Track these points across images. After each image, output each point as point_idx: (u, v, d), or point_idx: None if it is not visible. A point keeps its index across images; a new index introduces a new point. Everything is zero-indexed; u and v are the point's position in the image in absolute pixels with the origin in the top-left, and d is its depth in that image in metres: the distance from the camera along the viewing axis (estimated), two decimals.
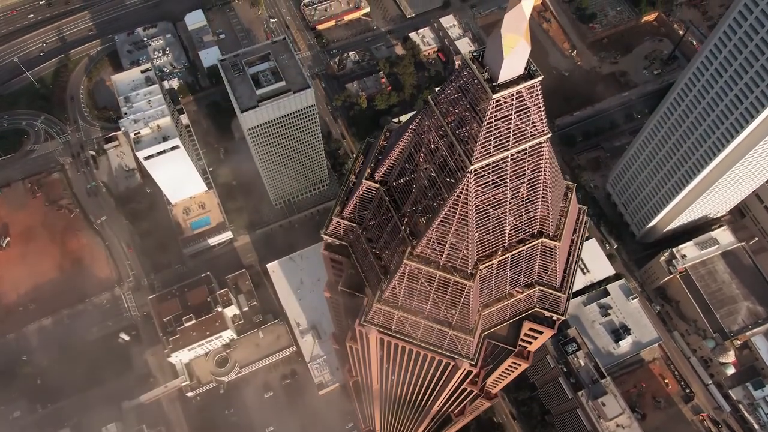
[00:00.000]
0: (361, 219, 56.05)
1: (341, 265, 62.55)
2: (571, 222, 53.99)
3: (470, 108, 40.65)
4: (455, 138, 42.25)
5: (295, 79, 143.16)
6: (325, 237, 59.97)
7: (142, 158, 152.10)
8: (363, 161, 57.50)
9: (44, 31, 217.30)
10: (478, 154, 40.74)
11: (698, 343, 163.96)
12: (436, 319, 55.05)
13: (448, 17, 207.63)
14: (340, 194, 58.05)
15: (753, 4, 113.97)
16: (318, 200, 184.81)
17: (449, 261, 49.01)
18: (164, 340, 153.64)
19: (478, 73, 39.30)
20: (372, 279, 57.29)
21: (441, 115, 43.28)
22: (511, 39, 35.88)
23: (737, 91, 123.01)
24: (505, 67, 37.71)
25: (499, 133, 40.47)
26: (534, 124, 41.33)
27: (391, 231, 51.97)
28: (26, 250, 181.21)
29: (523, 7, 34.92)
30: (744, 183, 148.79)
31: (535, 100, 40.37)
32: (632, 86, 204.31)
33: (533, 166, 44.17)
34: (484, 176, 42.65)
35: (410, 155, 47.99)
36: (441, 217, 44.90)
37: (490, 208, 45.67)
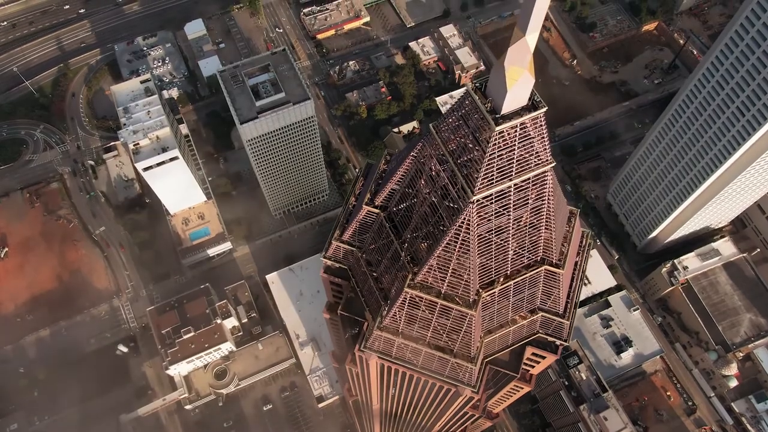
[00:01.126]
0: (361, 243, 55.25)
1: (341, 288, 61.70)
2: (575, 247, 53.20)
3: (472, 138, 39.95)
4: (457, 167, 41.52)
5: (295, 91, 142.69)
6: (324, 260, 59.14)
7: (141, 169, 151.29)
8: (363, 184, 56.66)
9: (44, 40, 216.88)
10: (481, 185, 40.02)
11: (700, 355, 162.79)
12: (438, 347, 54.17)
13: (448, 27, 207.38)
14: (339, 217, 57.24)
15: (755, 17, 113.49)
16: (318, 210, 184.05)
17: (451, 289, 48.18)
18: (163, 352, 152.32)
19: (481, 105, 38.58)
20: (372, 303, 56.44)
21: (443, 144, 42.58)
22: (515, 72, 35.14)
23: (739, 103, 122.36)
24: (508, 99, 36.98)
25: (502, 164, 39.74)
26: (537, 154, 40.62)
27: (391, 257, 51.18)
28: (24, 261, 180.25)
29: (527, 41, 34.15)
30: (746, 194, 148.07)
31: (539, 131, 39.66)
32: (633, 96, 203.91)
33: (536, 194, 43.43)
34: (486, 206, 41.93)
35: (411, 182, 47.26)
36: (443, 246, 44.14)
37: (493, 236, 44.91)
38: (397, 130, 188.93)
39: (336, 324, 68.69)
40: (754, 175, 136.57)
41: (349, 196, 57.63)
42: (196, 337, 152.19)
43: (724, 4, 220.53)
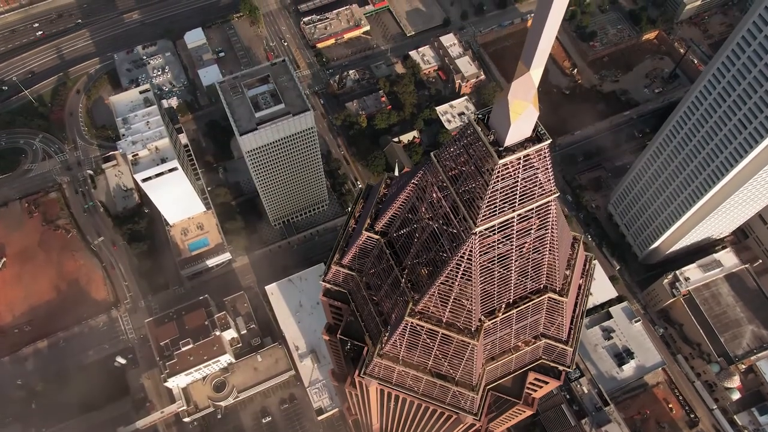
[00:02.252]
0: (360, 267, 54.43)
1: (340, 311, 60.82)
2: (578, 273, 52.40)
3: (475, 168, 39.20)
4: (459, 197, 40.75)
5: (295, 102, 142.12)
6: (323, 283, 58.29)
7: (140, 180, 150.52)
8: (363, 206, 55.87)
9: (43, 49, 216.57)
10: (483, 216, 39.26)
11: (702, 367, 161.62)
12: (439, 374, 53.28)
13: (449, 36, 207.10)
14: (339, 240, 56.42)
15: (757, 30, 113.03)
16: (317, 220, 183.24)
17: (452, 317, 47.35)
18: (161, 364, 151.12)
19: (483, 137, 37.83)
20: (372, 329, 55.56)
21: (444, 173, 41.81)
22: (519, 105, 34.39)
23: (741, 116, 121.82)
24: (512, 132, 36.24)
25: (505, 195, 39.01)
26: (541, 185, 39.88)
27: (391, 283, 50.34)
28: (22, 271, 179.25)
29: (532, 76, 33.44)
30: (749, 204, 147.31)
31: (543, 162, 38.94)
32: (633, 105, 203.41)
33: (540, 223, 42.66)
34: (489, 236, 41.17)
35: (412, 209, 46.49)
36: (444, 275, 43.35)
37: (495, 265, 44.11)
38: (397, 140, 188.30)
39: (335, 346, 67.78)
40: (756, 186, 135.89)
41: (349, 218, 56.85)
42: (195, 350, 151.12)
43: (725, 13, 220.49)
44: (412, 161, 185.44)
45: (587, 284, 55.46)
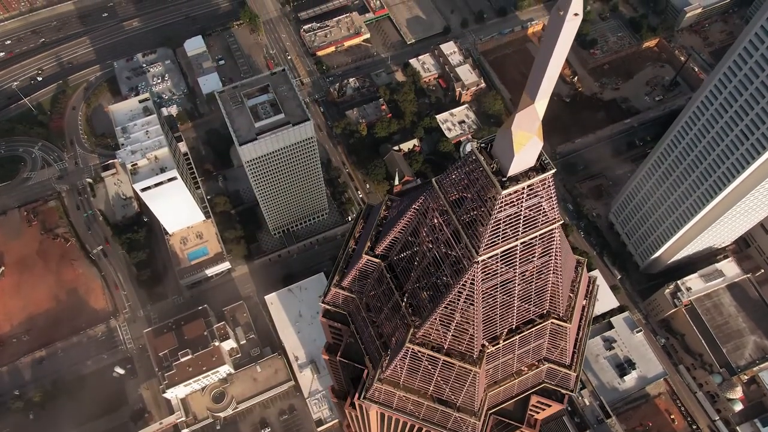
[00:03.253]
0: (360, 290, 53.68)
1: (340, 331, 60.05)
2: (582, 297, 51.69)
3: (477, 196, 38.55)
4: (461, 225, 40.08)
5: (295, 112, 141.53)
6: (323, 305, 57.54)
7: (139, 190, 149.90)
8: (363, 227, 55.16)
9: (43, 56, 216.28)
10: (486, 245, 38.60)
11: (704, 378, 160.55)
12: (440, 400, 52.51)
13: (449, 44, 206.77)
14: (339, 261, 55.70)
15: (759, 41, 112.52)
16: (317, 229, 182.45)
17: (454, 344, 46.61)
18: (160, 375, 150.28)
19: (486, 166, 37.18)
20: (372, 351, 54.78)
21: (446, 200, 41.14)
22: (523, 137, 33.76)
23: (744, 126, 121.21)
24: (515, 163, 35.62)
25: (509, 224, 38.36)
26: (545, 213, 39.23)
27: (392, 307, 49.60)
28: (21, 280, 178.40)
29: (537, 108, 32.80)
30: (752, 214, 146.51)
31: (548, 191, 38.28)
32: (634, 113, 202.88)
33: (543, 250, 41.99)
34: (491, 264, 40.48)
35: (413, 234, 45.83)
36: (445, 302, 42.63)
37: (498, 292, 43.40)
38: (398, 148, 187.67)
39: (335, 365, 66.99)
40: (759, 196, 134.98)
41: (349, 239, 56.15)
42: (194, 360, 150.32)
43: (725, 21, 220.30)
44: (412, 170, 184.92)
45: (591, 307, 54.74)
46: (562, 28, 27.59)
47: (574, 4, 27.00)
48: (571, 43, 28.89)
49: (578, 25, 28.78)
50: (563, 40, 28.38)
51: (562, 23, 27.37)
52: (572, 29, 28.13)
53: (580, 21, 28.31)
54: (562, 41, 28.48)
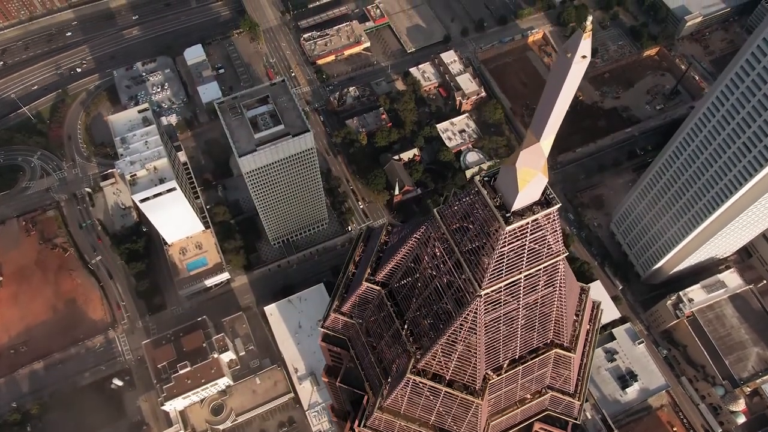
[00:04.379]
0: (360, 315, 52.80)
1: (340, 355, 59.12)
2: (586, 324, 50.81)
3: (480, 229, 37.75)
4: (463, 256, 39.26)
5: (294, 123, 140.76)
6: (322, 330, 56.62)
7: (138, 201, 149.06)
8: (363, 251, 54.29)
9: (43, 65, 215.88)
10: (489, 279, 37.79)
11: (707, 390, 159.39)
12: (441, 430, 51.52)
13: (449, 53, 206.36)
14: (338, 285, 54.81)
15: (761, 53, 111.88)
16: (317, 239, 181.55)
17: (456, 375, 45.70)
18: (158, 387, 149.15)
19: (490, 201, 36.40)
20: (372, 378, 53.86)
21: (448, 232, 40.33)
22: (528, 173, 32.99)
23: (746, 138, 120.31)
24: (520, 198, 34.82)
25: (512, 258, 37.57)
26: (550, 246, 38.44)
27: (392, 334, 48.70)
28: (19, 290, 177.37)
29: (542, 147, 32.04)
30: (755, 225, 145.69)
31: (552, 225, 37.50)
32: (635, 121, 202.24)
33: (547, 282, 41.17)
34: (494, 297, 39.66)
35: (414, 263, 44.99)
36: (447, 334, 41.76)
37: (501, 324, 42.55)
38: (398, 158, 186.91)
39: (335, 387, 66.04)
40: (763, 207, 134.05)
41: (348, 262, 55.29)
42: (193, 372, 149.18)
43: (725, 29, 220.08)
44: (412, 179, 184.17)
45: (595, 333, 53.85)
46: (569, 70, 26.88)
47: (582, 47, 26.28)
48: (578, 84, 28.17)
49: (586, 66, 28.11)
50: (570, 81, 27.65)
51: (569, 65, 26.67)
52: (580, 71, 27.42)
53: (587, 63, 27.60)
54: (570, 83, 27.74)
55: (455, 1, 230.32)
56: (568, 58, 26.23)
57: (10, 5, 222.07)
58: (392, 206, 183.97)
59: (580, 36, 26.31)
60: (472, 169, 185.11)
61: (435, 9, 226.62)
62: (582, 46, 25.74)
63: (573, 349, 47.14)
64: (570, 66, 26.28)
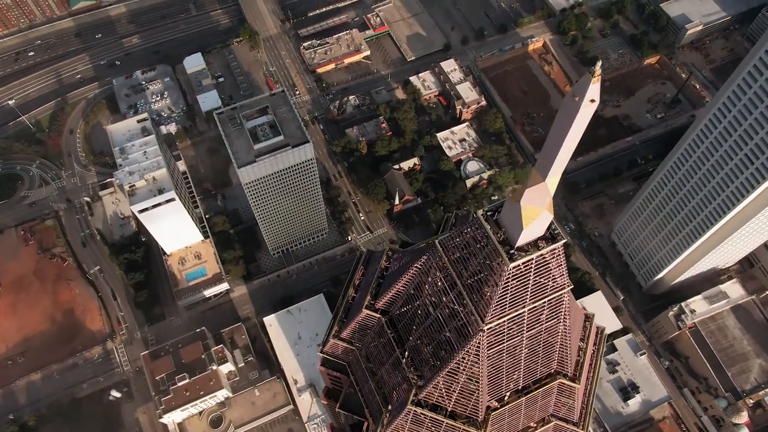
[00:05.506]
0: (360, 341, 51.91)
1: (340, 380, 58.20)
2: (590, 352, 49.98)
3: (483, 262, 36.96)
4: (466, 290, 38.44)
5: (294, 133, 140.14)
6: (321, 355, 55.74)
7: (137, 211, 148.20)
8: (363, 275, 53.44)
9: (42, 73, 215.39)
10: (492, 314, 36.97)
11: (709, 402, 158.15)
12: None
13: (449, 61, 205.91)
14: (338, 309, 53.94)
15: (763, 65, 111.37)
16: (317, 249, 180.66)
17: (458, 407, 44.79)
18: (157, 399, 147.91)
19: (493, 236, 35.63)
20: (372, 405, 52.88)
21: (450, 264, 39.52)
22: (533, 211, 32.25)
23: (749, 150, 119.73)
24: (524, 235, 34.05)
25: (516, 293, 36.77)
26: (555, 279, 37.65)
27: (393, 363, 47.81)
28: (17, 300, 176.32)
29: (548, 186, 31.28)
30: (758, 236, 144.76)
31: (557, 260, 36.72)
32: (636, 130, 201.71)
33: (552, 314, 40.35)
34: (498, 330, 38.83)
35: (415, 293, 44.15)
36: (449, 367, 40.89)
37: (504, 356, 41.70)
38: (398, 167, 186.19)
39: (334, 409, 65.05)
40: (765, 219, 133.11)
41: (348, 286, 54.42)
42: (191, 384, 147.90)
43: (726, 38, 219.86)
44: (412, 189, 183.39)
45: (599, 359, 52.97)
46: (577, 114, 26.14)
47: (591, 91, 25.56)
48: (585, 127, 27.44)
49: (594, 110, 27.37)
50: (578, 124, 26.92)
51: (577, 109, 25.93)
52: (588, 115, 26.69)
53: (596, 106, 26.86)
54: (577, 126, 27.01)
55: (455, 9, 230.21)
56: (575, 101, 25.51)
57: (10, 14, 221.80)
58: (392, 216, 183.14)
59: (589, 80, 25.63)
60: (472, 179, 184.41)
61: (435, 17, 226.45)
62: (591, 90, 25.05)
63: (577, 378, 46.33)
64: (578, 110, 25.60)
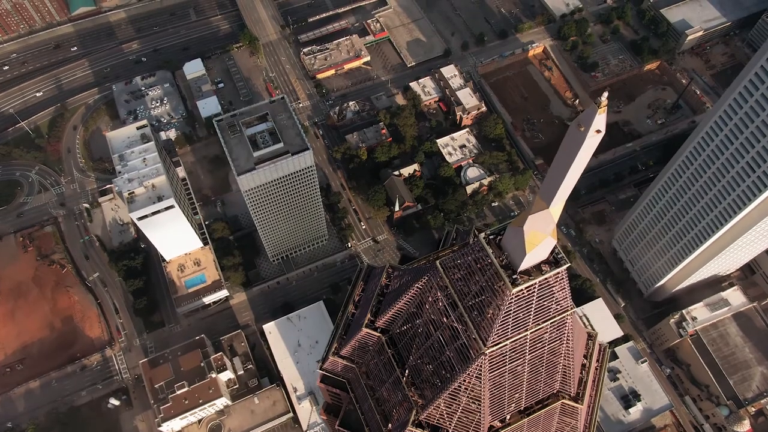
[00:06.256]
0: (360, 359, 51.27)
1: (339, 396, 57.56)
2: (594, 372, 49.38)
3: (485, 284, 36.40)
4: (466, 311, 37.88)
5: (294, 140, 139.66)
6: (320, 372, 55.13)
7: (136, 219, 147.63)
8: (363, 290, 52.86)
9: (42, 79, 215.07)
10: (494, 339, 36.41)
11: (711, 410, 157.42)
12: None
13: (449, 67, 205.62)
14: (338, 326, 53.35)
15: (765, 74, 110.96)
16: (317, 255, 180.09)
17: (459, 428, 44.15)
18: (155, 408, 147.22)
19: (495, 260, 35.08)
20: (372, 423, 52.23)
21: (451, 285, 38.98)
22: (536, 236, 31.71)
23: (750, 158, 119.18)
24: (527, 260, 33.53)
25: (519, 317, 36.22)
26: (558, 302, 37.10)
27: (393, 382, 47.18)
28: (15, 307, 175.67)
29: (552, 213, 30.79)
30: (760, 243, 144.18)
31: (561, 283, 36.16)
32: (636, 136, 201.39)
33: (555, 335, 39.77)
34: (500, 353, 38.24)
35: (416, 313, 43.58)
36: (450, 390, 40.30)
37: (506, 377, 41.10)
38: (398, 173, 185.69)
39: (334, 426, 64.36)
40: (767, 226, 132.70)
41: (348, 302, 53.84)
42: (190, 392, 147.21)
43: (726, 43, 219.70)
44: (412, 195, 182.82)
45: (602, 377, 52.34)
46: (582, 144, 25.63)
47: (597, 122, 25.08)
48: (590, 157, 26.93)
49: (599, 140, 26.84)
50: (582, 155, 26.43)
51: (583, 139, 25.45)
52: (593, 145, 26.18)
53: (601, 137, 26.34)
54: (582, 156, 26.53)
55: (455, 15, 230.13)
56: (581, 132, 25.03)
57: (10, 19, 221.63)
58: (392, 222, 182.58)
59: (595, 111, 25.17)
60: (472, 185, 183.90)
61: (435, 23, 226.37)
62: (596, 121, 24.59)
63: (581, 398, 45.72)
64: (583, 140, 25.14)
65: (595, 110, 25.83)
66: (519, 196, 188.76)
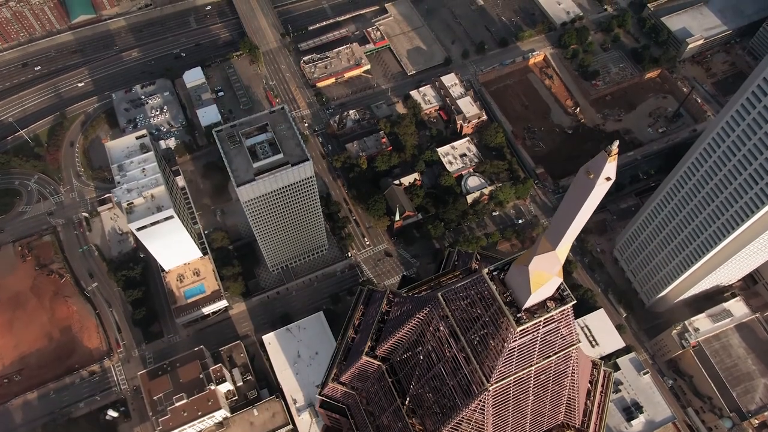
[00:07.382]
0: (360, 386, 50.37)
1: (339, 422, 56.63)
2: (598, 400, 48.45)
3: (489, 319, 35.58)
4: (469, 346, 37.02)
5: (294, 151, 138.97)
6: (319, 397, 54.22)
7: (135, 229, 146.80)
8: (363, 315, 52.00)
9: (41, 87, 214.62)
10: (498, 375, 35.56)
11: (714, 422, 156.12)
12: None
13: (450, 75, 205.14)
14: (337, 350, 52.46)
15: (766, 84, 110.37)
16: (317, 265, 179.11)
17: None
18: (154, 420, 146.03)
19: (499, 297, 34.28)
20: None
21: (453, 317, 38.15)
22: (541, 277, 30.91)
23: (753, 170, 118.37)
24: (532, 298, 32.71)
25: (523, 353, 35.37)
26: (563, 337, 36.26)
27: (394, 412, 46.27)
28: (13, 317, 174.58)
29: (558, 255, 29.99)
30: (763, 254, 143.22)
31: (567, 319, 35.33)
32: (637, 145, 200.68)
33: (560, 369, 38.91)
34: (504, 389, 37.37)
35: (417, 341, 42.72)
36: (452, 424, 39.39)
37: (510, 410, 40.21)
38: (398, 182, 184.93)
39: None
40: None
41: (347, 326, 52.96)
42: (189, 404, 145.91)
43: (727, 51, 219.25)
44: (412, 204, 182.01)
45: (606, 404, 51.42)
46: (591, 192, 24.89)
47: (607, 170, 24.36)
48: (598, 203, 26.15)
49: (608, 187, 26.08)
50: (591, 202, 25.67)
51: (591, 186, 24.72)
52: (601, 192, 25.44)
53: (611, 184, 25.58)
54: (590, 202, 25.77)
55: (456, 23, 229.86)
56: (590, 179, 24.36)
57: (10, 27, 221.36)
58: (392, 232, 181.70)
59: (605, 159, 24.52)
60: (473, 194, 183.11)
61: (435, 31, 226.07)
62: (606, 169, 23.93)
63: (585, 429, 44.80)
64: (593, 187, 24.49)
65: (605, 158, 25.17)
66: (520, 206, 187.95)
